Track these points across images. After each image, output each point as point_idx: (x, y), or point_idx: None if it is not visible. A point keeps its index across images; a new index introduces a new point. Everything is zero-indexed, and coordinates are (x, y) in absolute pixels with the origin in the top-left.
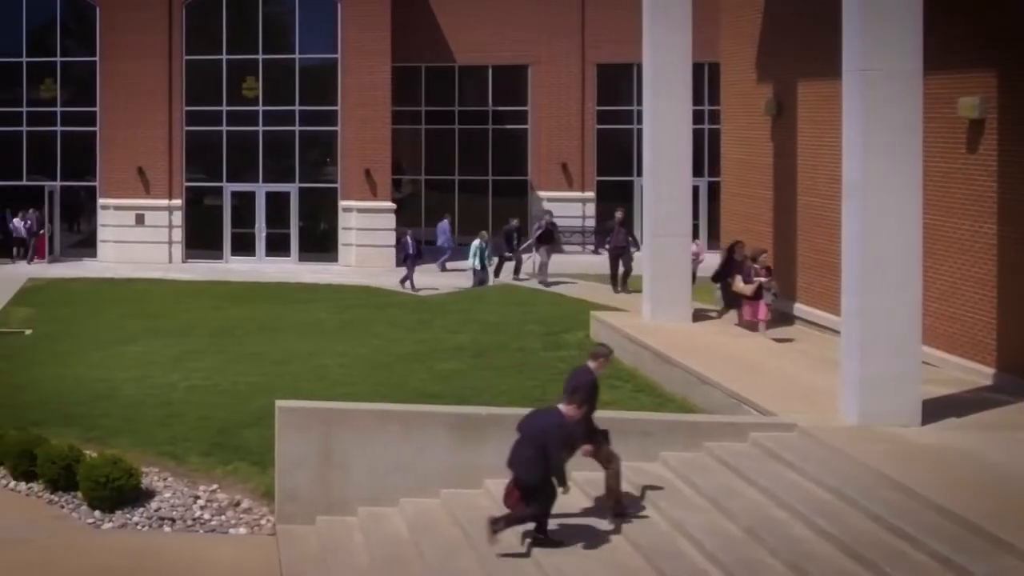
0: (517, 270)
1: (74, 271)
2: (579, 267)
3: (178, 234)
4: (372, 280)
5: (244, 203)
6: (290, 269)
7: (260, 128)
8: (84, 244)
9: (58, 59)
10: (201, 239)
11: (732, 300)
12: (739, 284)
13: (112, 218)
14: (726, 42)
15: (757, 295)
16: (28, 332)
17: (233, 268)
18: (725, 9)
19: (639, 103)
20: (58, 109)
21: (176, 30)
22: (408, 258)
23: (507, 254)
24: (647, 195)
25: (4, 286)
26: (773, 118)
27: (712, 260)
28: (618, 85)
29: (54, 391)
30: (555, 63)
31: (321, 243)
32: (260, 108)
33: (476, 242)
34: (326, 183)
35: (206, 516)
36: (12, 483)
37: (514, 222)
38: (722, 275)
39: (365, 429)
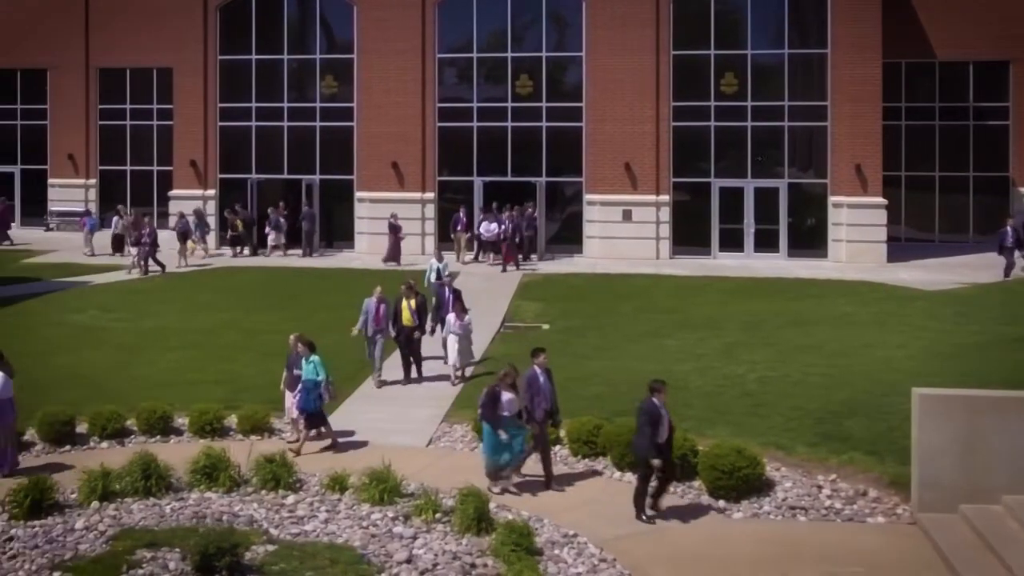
0: None
1: (563, 267)
2: None
3: (665, 230)
4: (868, 275)
5: (732, 199)
6: (780, 265)
7: (748, 124)
8: (565, 240)
9: (543, 54)
10: (687, 235)
11: None
12: None
13: (598, 214)
14: None
15: None
16: (546, 327)
17: (722, 264)
18: None
19: None
20: (543, 104)
21: (663, 25)
22: (1005, 249)
23: None
24: None
25: (503, 283)
26: None
27: None
28: None
29: (617, 383)
30: None
31: (809, 239)
32: (748, 104)
33: None
34: (813, 179)
35: (837, 505)
36: (616, 473)
37: None
38: None
39: (1012, 416)
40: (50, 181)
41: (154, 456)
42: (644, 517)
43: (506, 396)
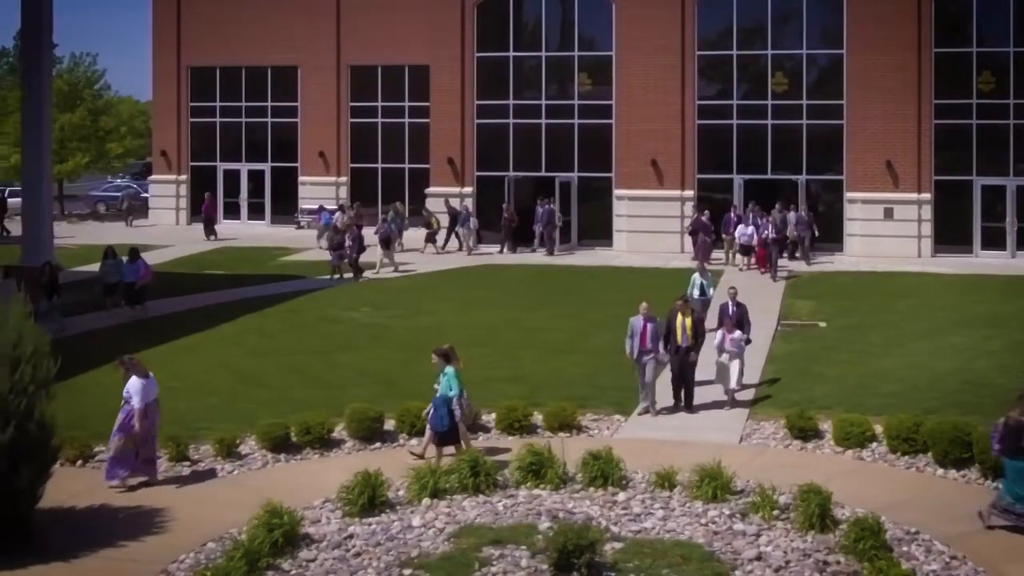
0: None
1: (825, 266)
2: None
3: (927, 228)
4: None
5: (993, 197)
6: None
7: (1011, 121)
8: (822, 239)
9: (803, 52)
10: (948, 233)
11: None
12: None
13: (860, 212)
14: None
15: None
16: (823, 324)
17: (985, 262)
18: None
19: None
20: (803, 102)
21: (925, 22)
22: None
23: None
24: None
25: (770, 282)
26: None
27: None
28: None
29: (913, 379)
30: None
31: None
32: (1011, 101)
33: None
34: None
35: None
36: (939, 471)
37: None
38: None
39: None
40: (300, 179)
41: (481, 453)
42: None
43: None
